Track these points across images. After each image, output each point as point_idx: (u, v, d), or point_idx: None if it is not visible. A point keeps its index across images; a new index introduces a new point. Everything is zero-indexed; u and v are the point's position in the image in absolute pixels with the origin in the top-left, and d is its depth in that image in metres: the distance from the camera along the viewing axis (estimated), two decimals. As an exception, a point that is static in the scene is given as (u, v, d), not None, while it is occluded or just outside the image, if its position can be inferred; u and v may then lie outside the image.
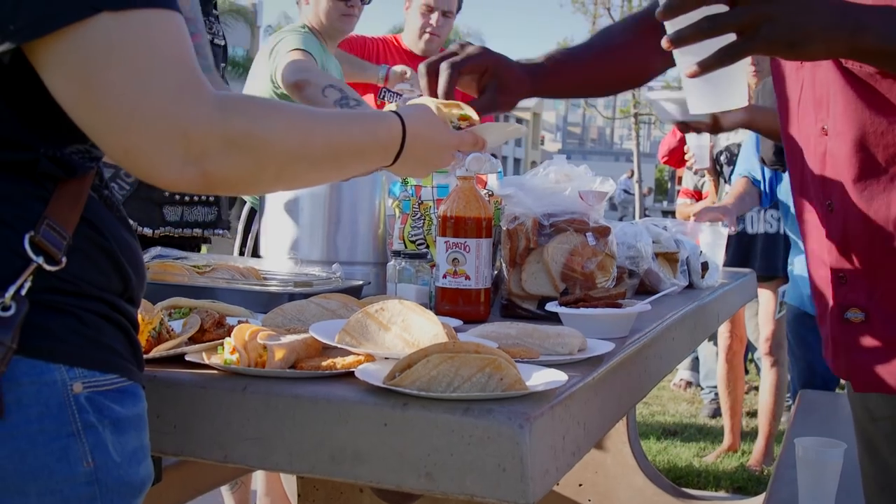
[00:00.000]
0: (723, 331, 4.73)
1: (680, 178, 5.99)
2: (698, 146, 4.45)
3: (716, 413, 5.58)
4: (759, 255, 4.39)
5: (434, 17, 3.90)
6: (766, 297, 4.52)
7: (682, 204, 5.21)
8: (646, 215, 19.52)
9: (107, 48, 0.94)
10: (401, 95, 3.28)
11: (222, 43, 2.86)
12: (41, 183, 1.02)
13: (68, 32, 0.94)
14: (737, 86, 1.25)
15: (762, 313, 4.59)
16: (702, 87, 1.25)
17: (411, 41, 3.99)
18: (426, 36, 3.93)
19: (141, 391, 1.12)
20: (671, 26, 1.21)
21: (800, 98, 1.52)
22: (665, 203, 24.33)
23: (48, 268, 0.99)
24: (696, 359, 6.25)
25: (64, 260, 1.01)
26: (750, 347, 5.19)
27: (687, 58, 1.21)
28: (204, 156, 0.99)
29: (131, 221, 2.37)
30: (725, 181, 4.48)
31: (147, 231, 2.44)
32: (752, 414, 5.71)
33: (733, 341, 4.78)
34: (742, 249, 4.41)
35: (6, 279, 0.97)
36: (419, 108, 1.38)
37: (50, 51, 0.95)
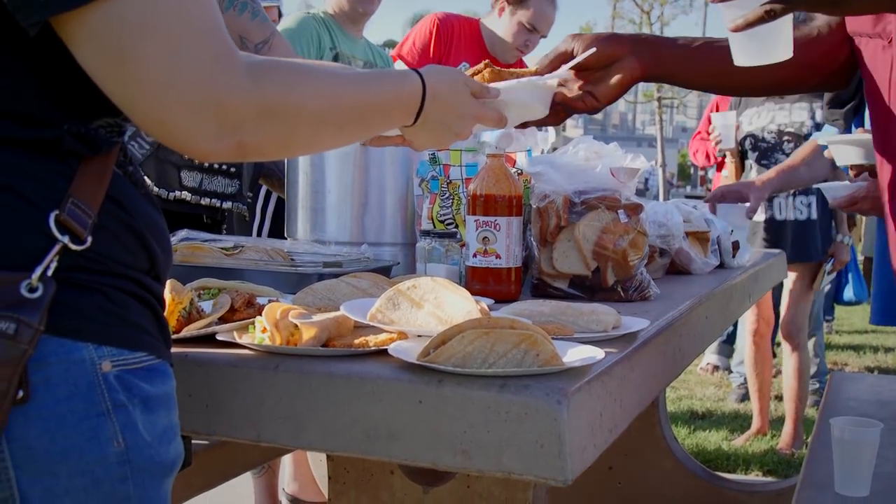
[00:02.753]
0: (749, 313, 4.66)
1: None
2: (724, 125, 4.40)
3: (744, 397, 5.53)
4: (790, 243, 4.30)
5: (532, 37, 3.84)
6: (790, 279, 4.46)
7: (724, 177, 5.08)
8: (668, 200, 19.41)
9: (141, 20, 0.93)
10: None
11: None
12: (65, 160, 1.01)
13: (100, 4, 0.92)
14: (781, 40, 1.24)
15: (785, 296, 4.54)
16: (746, 41, 1.25)
17: (493, 44, 3.90)
18: (515, 52, 3.87)
19: (169, 369, 1.10)
20: None
21: (890, 78, 1.47)
22: (688, 188, 24.20)
23: (73, 247, 0.98)
24: (723, 342, 6.21)
25: (89, 239, 0.99)
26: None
27: (732, 12, 1.20)
28: (239, 126, 0.99)
29: (147, 181, 2.35)
30: (750, 167, 4.41)
31: (162, 192, 2.36)
32: (780, 398, 5.67)
33: (760, 324, 4.69)
34: (771, 237, 4.34)
35: (32, 259, 0.96)
36: (445, 70, 1.36)
37: (82, 23, 0.93)
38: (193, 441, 1.44)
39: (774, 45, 1.25)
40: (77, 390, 0.98)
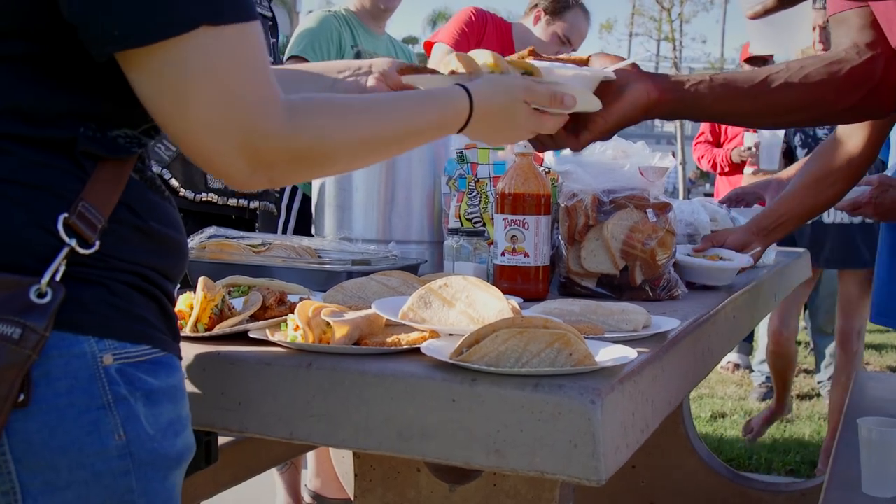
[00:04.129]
0: (773, 319, 4.51)
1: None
2: (769, 144, 4.09)
3: (765, 396, 5.52)
4: (835, 248, 4.11)
5: (564, 50, 3.83)
6: (845, 286, 4.24)
7: (748, 174, 4.69)
8: (688, 199, 19.33)
9: (202, 64, 0.97)
10: None
11: (269, 14, 2.80)
12: (80, 162, 1.02)
13: (168, 44, 0.96)
14: (799, 28, 1.24)
15: (841, 303, 4.30)
16: (764, 29, 1.25)
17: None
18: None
19: (177, 362, 1.11)
20: None
21: None
22: (707, 186, 24.10)
23: (81, 251, 0.99)
24: (743, 340, 6.18)
25: (97, 244, 1.00)
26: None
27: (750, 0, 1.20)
28: (272, 167, 1.04)
29: (174, 182, 2.34)
30: None
31: (189, 194, 2.37)
32: (802, 397, 5.65)
33: (783, 333, 4.50)
34: (815, 241, 4.12)
35: (40, 260, 0.97)
36: (501, 85, 1.34)
37: (147, 58, 0.97)
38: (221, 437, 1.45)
39: (794, 31, 1.24)
40: (77, 384, 0.99)
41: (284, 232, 3.10)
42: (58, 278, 0.97)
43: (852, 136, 2.19)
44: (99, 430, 0.99)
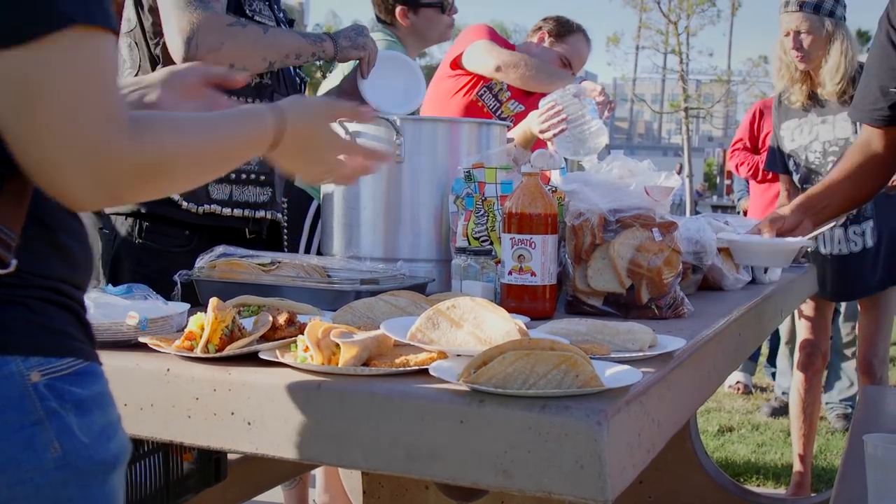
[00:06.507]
0: (802, 343, 4.10)
1: (729, 173, 5.77)
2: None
3: (776, 412, 5.49)
4: (848, 279, 3.83)
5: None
6: (864, 314, 4.01)
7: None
8: (696, 211, 19.31)
9: (62, 67, 0.94)
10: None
11: (272, 24, 2.75)
12: None
13: (13, 51, 0.93)
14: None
15: (861, 331, 4.04)
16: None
17: None
18: None
19: (99, 369, 1.11)
20: None
21: None
22: (714, 198, 24.08)
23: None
24: (748, 360, 6.10)
25: (14, 263, 1.01)
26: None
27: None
28: (115, 184, 1.00)
29: (174, 195, 2.32)
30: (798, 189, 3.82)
31: (191, 206, 2.34)
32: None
33: (815, 357, 4.07)
34: (826, 275, 3.82)
35: None
36: (309, 106, 1.36)
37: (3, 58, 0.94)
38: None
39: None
40: (9, 403, 1.00)
41: (307, 251, 3.09)
42: None
43: (876, 147, 2.38)
44: (34, 445, 1.01)
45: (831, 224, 2.59)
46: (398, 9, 3.29)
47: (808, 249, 3.68)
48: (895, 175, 2.49)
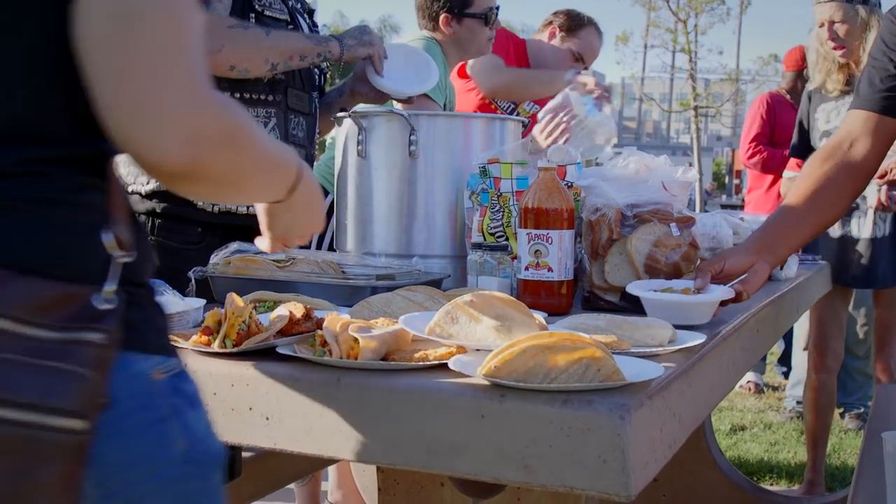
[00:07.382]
0: (817, 343, 3.99)
1: (738, 172, 5.71)
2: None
3: (790, 419, 5.46)
4: (866, 266, 3.73)
5: (577, 67, 3.83)
6: (881, 307, 3.93)
7: (788, 178, 4.19)
8: (705, 211, 19.25)
9: (154, 12, 0.94)
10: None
11: (284, 17, 2.72)
12: (107, 177, 1.03)
13: None
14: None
15: (877, 328, 4.00)
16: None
17: (538, 65, 3.89)
18: None
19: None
20: None
21: None
22: (723, 197, 24.03)
23: (128, 261, 1.00)
24: (761, 359, 6.09)
25: (135, 252, 1.02)
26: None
27: None
28: (204, 143, 0.97)
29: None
30: None
31: (206, 205, 2.34)
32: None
33: (828, 358, 3.96)
34: (840, 257, 3.73)
35: (96, 274, 0.98)
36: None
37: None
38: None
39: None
40: (140, 401, 1.01)
41: (319, 247, 3.08)
42: (115, 287, 0.98)
43: (856, 144, 2.12)
44: (163, 441, 1.02)
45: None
46: (442, 16, 3.25)
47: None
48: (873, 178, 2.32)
